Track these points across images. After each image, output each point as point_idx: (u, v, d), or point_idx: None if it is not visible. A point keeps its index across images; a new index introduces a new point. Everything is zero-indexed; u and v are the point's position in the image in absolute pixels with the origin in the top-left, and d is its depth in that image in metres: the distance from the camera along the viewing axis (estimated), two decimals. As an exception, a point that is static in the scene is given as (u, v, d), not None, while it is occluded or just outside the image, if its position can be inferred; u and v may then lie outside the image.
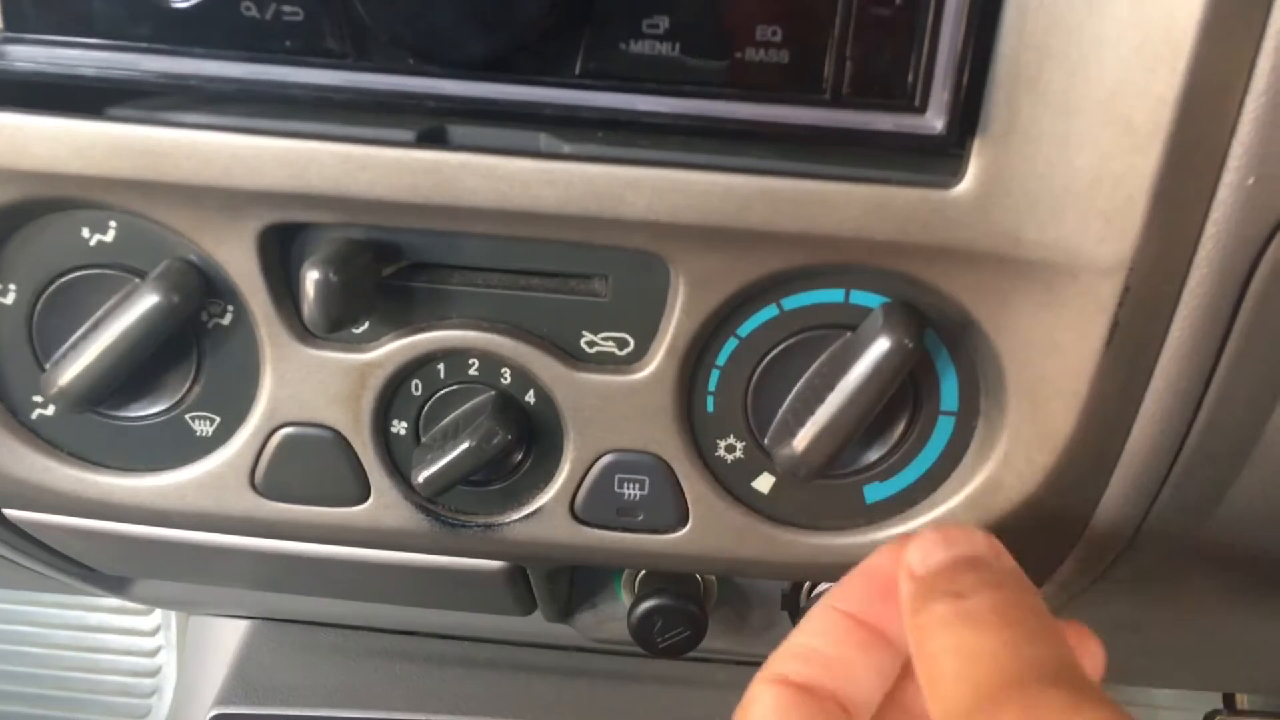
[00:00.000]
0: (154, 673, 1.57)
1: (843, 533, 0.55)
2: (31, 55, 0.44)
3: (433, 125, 0.46)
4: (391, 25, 0.41)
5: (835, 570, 0.56)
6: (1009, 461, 0.51)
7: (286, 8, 0.42)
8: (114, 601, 1.30)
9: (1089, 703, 0.34)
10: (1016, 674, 0.36)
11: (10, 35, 0.44)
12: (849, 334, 0.50)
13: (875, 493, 0.54)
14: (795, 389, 0.52)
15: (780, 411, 0.52)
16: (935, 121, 0.42)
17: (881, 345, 0.47)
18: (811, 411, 0.49)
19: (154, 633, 1.55)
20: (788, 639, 0.44)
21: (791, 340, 0.51)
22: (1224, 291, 0.44)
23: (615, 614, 0.79)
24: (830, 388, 0.49)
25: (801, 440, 0.50)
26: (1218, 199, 0.42)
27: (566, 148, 0.45)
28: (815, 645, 0.43)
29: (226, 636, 1.01)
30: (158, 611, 1.53)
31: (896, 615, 0.43)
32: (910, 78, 0.42)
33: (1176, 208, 0.42)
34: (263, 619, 1.00)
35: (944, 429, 0.52)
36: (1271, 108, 0.40)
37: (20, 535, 0.66)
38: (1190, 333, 0.45)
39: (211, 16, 0.42)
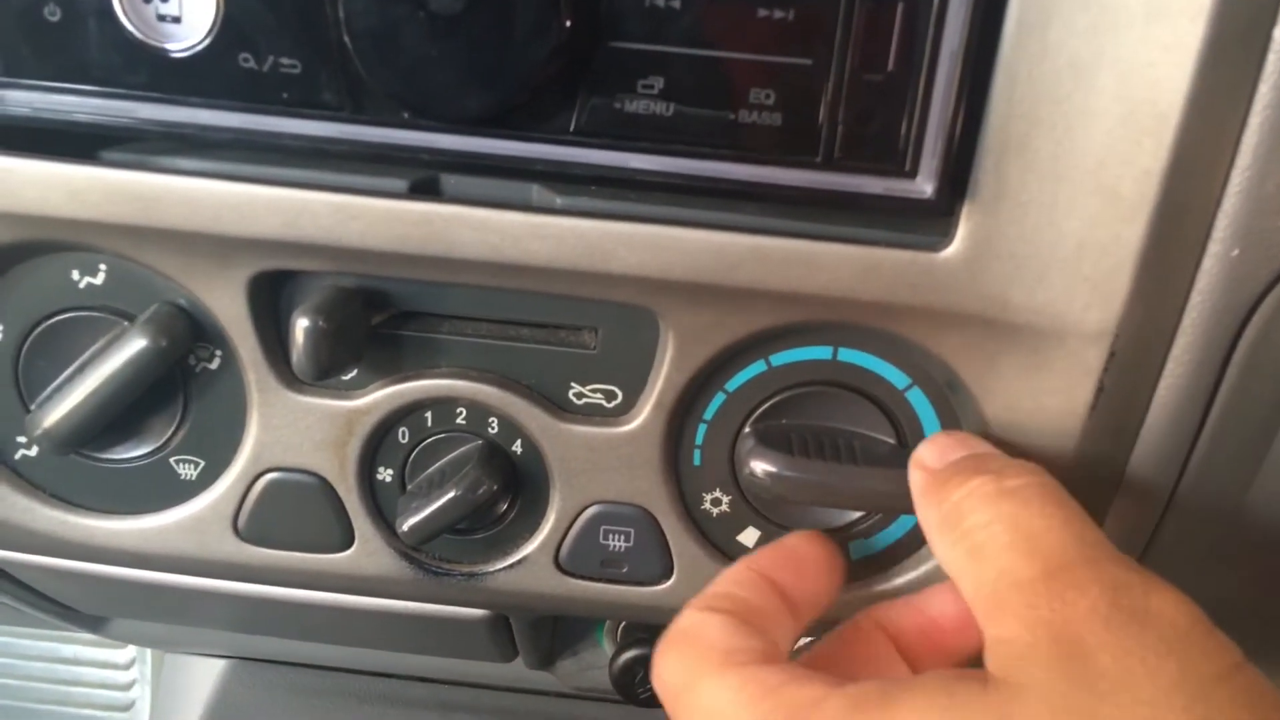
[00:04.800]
0: (127, 707, 1.55)
1: (827, 588, 0.55)
2: (28, 100, 0.44)
3: (425, 176, 0.46)
4: (388, 81, 0.41)
5: (818, 626, 0.56)
6: (993, 522, 0.51)
7: (284, 60, 0.42)
8: (89, 634, 1.29)
9: (1160, 585, 0.36)
10: (1084, 551, 0.37)
11: (6, 80, 0.44)
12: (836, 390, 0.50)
13: (859, 549, 0.54)
14: None
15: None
16: (925, 186, 0.43)
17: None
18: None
19: (128, 666, 1.53)
20: (710, 586, 0.46)
21: (779, 396, 0.51)
22: (1209, 359, 0.45)
23: (597, 662, 0.78)
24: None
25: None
26: (1203, 269, 0.43)
27: (559, 201, 0.46)
28: (737, 593, 0.44)
29: (202, 675, 1.00)
30: (133, 645, 1.51)
31: (806, 589, 0.46)
32: (901, 143, 0.42)
33: (1162, 276, 0.43)
34: (239, 658, 0.99)
35: (929, 487, 0.52)
36: (1256, 181, 0.41)
37: (-1, 573, 0.66)
38: (1175, 398, 0.46)
39: (209, 67, 0.43)
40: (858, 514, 0.53)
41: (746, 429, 0.52)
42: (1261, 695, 0.33)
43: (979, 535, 0.39)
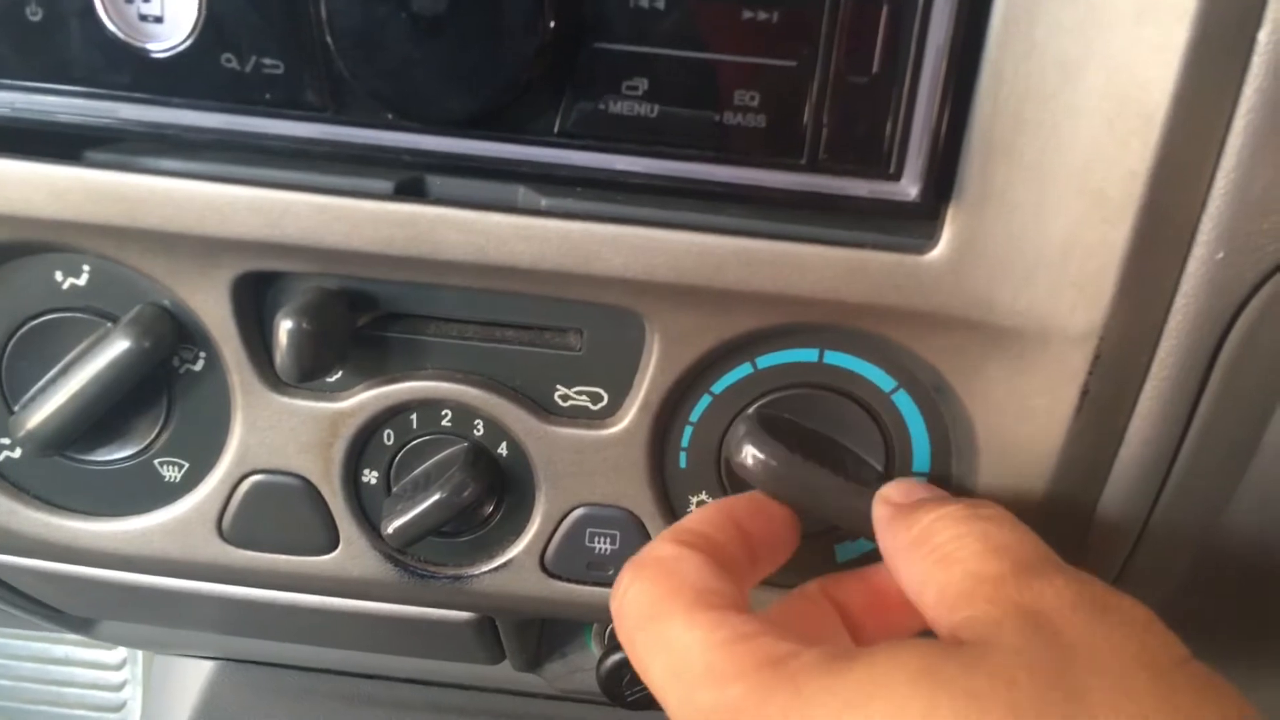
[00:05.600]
0: (119, 707, 1.54)
1: (814, 591, 0.55)
2: (9, 100, 0.44)
3: (411, 177, 0.46)
4: (372, 81, 0.41)
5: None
6: (980, 524, 0.50)
7: (267, 61, 0.42)
8: (78, 635, 1.28)
9: (1117, 590, 0.38)
10: (1050, 559, 0.39)
11: (-12, 80, 0.44)
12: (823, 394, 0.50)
13: (846, 551, 0.54)
14: None
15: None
16: (910, 188, 0.43)
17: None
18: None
19: (120, 666, 1.53)
20: (683, 522, 0.46)
21: (766, 398, 0.51)
22: (1194, 362, 0.44)
23: (584, 664, 0.78)
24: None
25: None
26: (1188, 272, 0.43)
27: (544, 202, 0.46)
28: (711, 534, 0.44)
29: (192, 676, 1.00)
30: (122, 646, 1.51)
31: (770, 543, 0.46)
32: (886, 145, 0.42)
33: (1147, 279, 0.43)
34: (228, 660, 0.98)
35: (916, 490, 0.52)
36: (1242, 184, 0.41)
37: (-17, 575, 0.66)
38: (1160, 401, 0.46)
39: (191, 67, 0.42)
40: (844, 517, 0.53)
41: (751, 410, 0.51)
42: (1217, 683, 0.35)
43: (949, 546, 0.40)
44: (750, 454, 0.49)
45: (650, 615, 0.40)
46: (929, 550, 0.40)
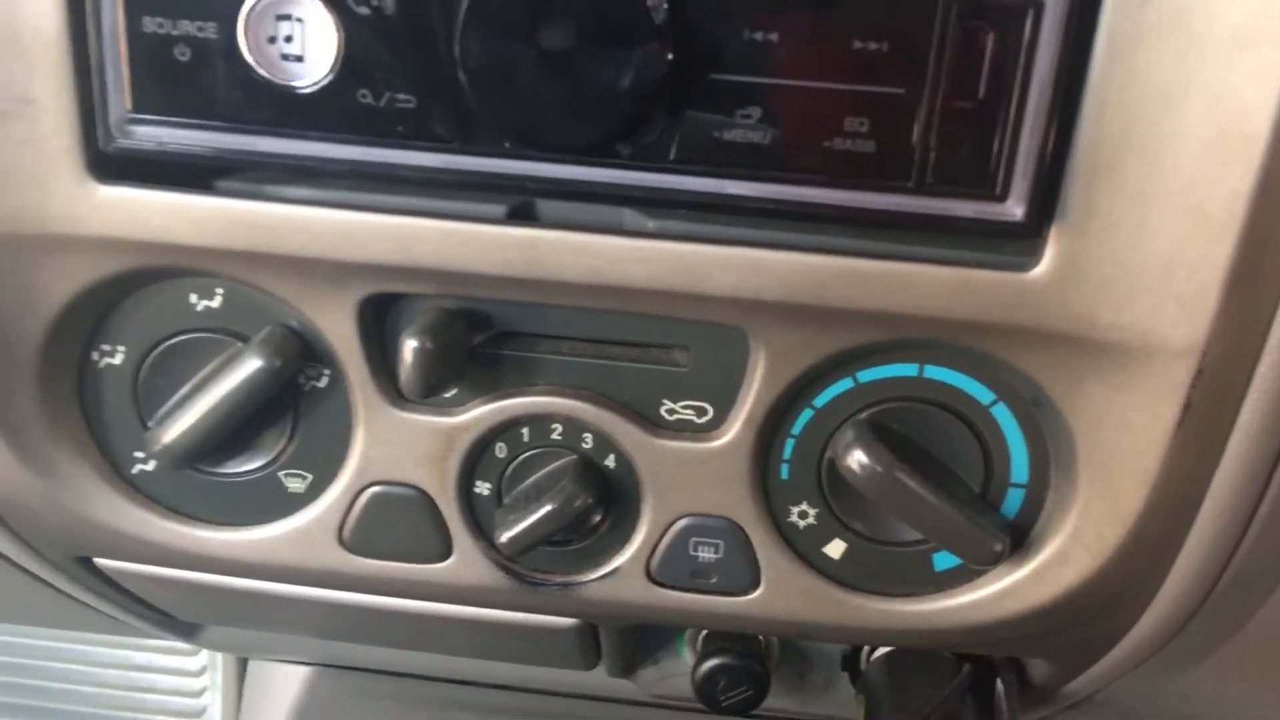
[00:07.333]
0: (199, 713, 1.57)
1: (911, 599, 0.56)
2: (155, 135, 0.47)
3: (521, 201, 0.48)
4: (500, 114, 0.43)
5: (902, 636, 0.57)
6: (1078, 536, 0.52)
7: (400, 96, 0.44)
8: (162, 641, 1.31)
9: None
10: None
11: (136, 116, 0.47)
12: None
13: (944, 561, 0.55)
14: None
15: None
16: (1015, 209, 0.44)
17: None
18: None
19: (200, 673, 1.56)
20: None
21: (866, 412, 0.52)
22: (1294, 376, 0.45)
23: (676, 670, 0.80)
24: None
25: None
26: (1289, 287, 0.44)
27: (651, 224, 0.48)
28: None
29: (287, 682, 1.03)
30: (204, 652, 1.54)
31: None
32: (992, 167, 0.43)
33: (1249, 295, 0.44)
34: (322, 665, 1.01)
35: (1014, 500, 0.53)
36: (1343, 202, 0.42)
37: (105, 582, 0.68)
38: (1261, 414, 0.46)
39: (329, 103, 0.45)
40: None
41: (863, 415, 0.52)
42: None
43: None
44: (857, 458, 0.50)
45: None
46: None
